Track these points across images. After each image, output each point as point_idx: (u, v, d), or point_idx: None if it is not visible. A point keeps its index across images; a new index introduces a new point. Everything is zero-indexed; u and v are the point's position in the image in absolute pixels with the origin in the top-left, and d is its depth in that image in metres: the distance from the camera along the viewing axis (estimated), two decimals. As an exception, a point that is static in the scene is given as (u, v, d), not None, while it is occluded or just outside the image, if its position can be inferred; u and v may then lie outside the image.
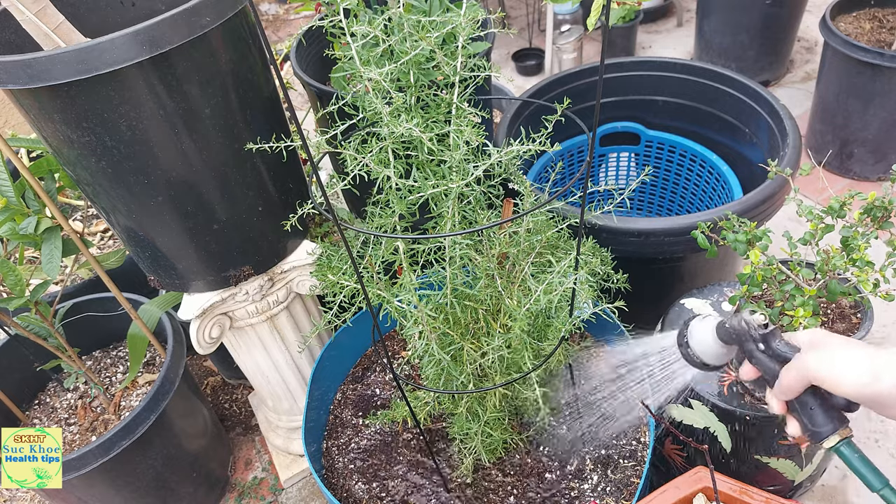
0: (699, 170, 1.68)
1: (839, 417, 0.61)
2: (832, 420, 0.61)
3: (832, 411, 0.61)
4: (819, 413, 0.61)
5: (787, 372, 0.61)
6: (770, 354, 0.65)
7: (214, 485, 1.51)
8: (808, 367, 0.59)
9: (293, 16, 3.93)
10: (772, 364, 0.64)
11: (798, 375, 0.60)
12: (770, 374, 0.64)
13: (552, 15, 2.64)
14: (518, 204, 0.98)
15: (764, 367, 0.65)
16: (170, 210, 0.94)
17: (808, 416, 0.62)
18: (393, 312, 0.88)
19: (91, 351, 1.51)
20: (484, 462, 1.13)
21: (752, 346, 0.66)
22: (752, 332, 0.65)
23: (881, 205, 0.91)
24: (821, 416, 0.61)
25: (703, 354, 0.71)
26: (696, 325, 0.72)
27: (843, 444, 0.61)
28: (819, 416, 0.61)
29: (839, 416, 0.61)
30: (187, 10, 0.78)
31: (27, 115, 0.85)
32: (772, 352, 0.64)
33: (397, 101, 0.76)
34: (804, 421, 0.63)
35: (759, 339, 0.65)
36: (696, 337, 0.71)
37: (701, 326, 0.71)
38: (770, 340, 0.65)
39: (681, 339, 0.73)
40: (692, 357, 0.72)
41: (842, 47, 1.88)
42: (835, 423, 0.61)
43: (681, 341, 0.73)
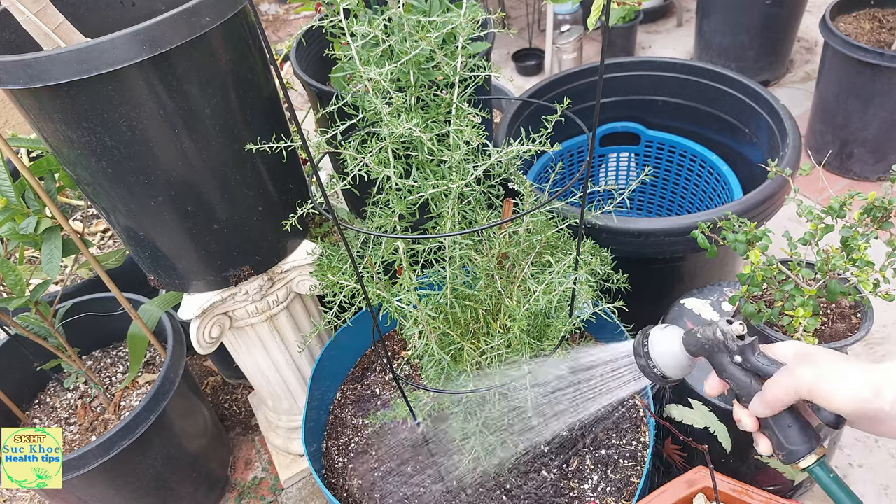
0: (699, 170, 1.68)
1: (814, 436, 0.59)
2: (809, 439, 0.58)
3: (809, 430, 0.59)
4: (795, 431, 0.58)
5: (774, 386, 0.58)
6: (746, 368, 0.61)
7: (214, 485, 1.51)
8: (802, 382, 0.56)
9: (293, 16, 3.93)
10: (746, 379, 0.61)
11: (789, 390, 0.57)
12: (743, 390, 0.61)
13: (552, 15, 2.64)
14: (518, 204, 0.98)
15: (736, 382, 0.62)
16: (170, 210, 0.94)
17: (784, 434, 0.59)
18: (393, 312, 0.88)
19: (91, 351, 1.51)
20: (483, 462, 1.13)
21: (724, 359, 0.62)
22: (728, 344, 0.61)
23: (881, 205, 0.91)
24: (797, 435, 0.58)
25: (665, 367, 0.66)
26: (658, 334, 0.67)
27: (818, 464, 0.58)
28: (795, 435, 0.58)
29: (814, 434, 0.59)
30: (187, 10, 0.78)
31: (27, 115, 0.85)
32: (749, 365, 0.61)
33: (397, 101, 0.76)
34: (779, 439, 0.59)
35: (735, 350, 0.61)
36: (657, 348, 0.66)
37: (664, 336, 0.67)
38: (747, 353, 0.61)
39: (640, 349, 0.68)
40: (651, 369, 0.67)
41: (842, 47, 1.88)
42: (811, 442, 0.58)
43: (639, 352, 0.68)
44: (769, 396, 0.58)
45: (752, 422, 0.61)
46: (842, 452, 1.41)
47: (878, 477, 1.38)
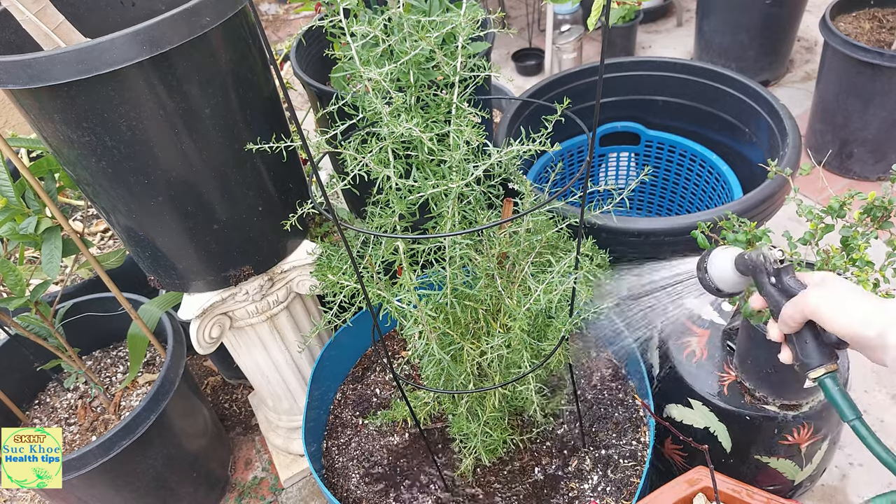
0: (699, 170, 1.68)
1: (829, 354, 0.65)
2: (823, 355, 0.65)
3: (824, 347, 0.65)
4: (812, 347, 0.66)
5: (789, 305, 0.65)
6: (779, 288, 0.69)
7: (214, 485, 1.51)
8: (807, 303, 0.63)
9: (293, 16, 3.93)
10: (779, 297, 0.68)
11: (797, 309, 0.64)
12: (775, 307, 0.69)
13: (552, 15, 2.64)
14: (518, 204, 0.98)
15: (771, 300, 0.69)
16: (170, 210, 0.94)
17: (801, 347, 0.66)
18: (393, 312, 0.88)
19: (91, 351, 1.51)
20: (484, 462, 1.13)
21: (764, 279, 0.70)
22: (767, 266, 0.69)
23: (881, 205, 0.90)
24: (813, 350, 0.66)
25: (720, 281, 0.76)
26: (718, 252, 0.77)
27: (828, 376, 0.65)
28: (811, 350, 0.66)
29: (829, 353, 0.66)
30: (187, 10, 0.78)
31: (27, 115, 0.85)
32: (781, 285, 0.69)
33: (397, 101, 0.76)
34: (797, 351, 0.67)
35: (772, 272, 0.69)
36: (715, 264, 0.76)
37: (722, 255, 0.76)
38: (782, 275, 0.69)
39: (701, 264, 0.78)
40: (708, 282, 0.77)
41: (842, 47, 1.88)
42: (824, 358, 0.65)
43: (700, 266, 0.78)
44: (784, 314, 0.66)
45: (778, 334, 0.69)
46: (842, 452, 1.41)
47: (878, 477, 1.38)
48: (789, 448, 1.07)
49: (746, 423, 1.05)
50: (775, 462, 1.09)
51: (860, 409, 0.65)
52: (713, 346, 1.15)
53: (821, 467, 1.17)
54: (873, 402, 1.48)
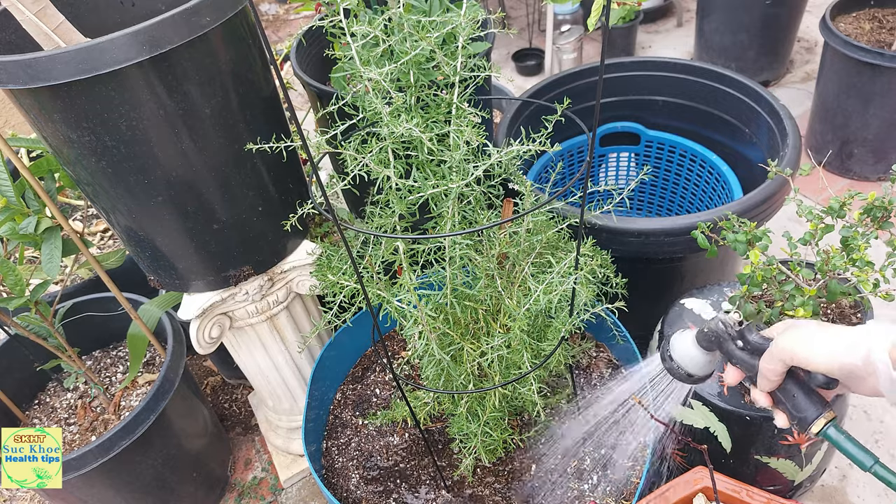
0: (699, 170, 1.68)
1: (821, 401, 0.63)
2: (815, 404, 0.62)
3: (813, 395, 0.63)
4: (802, 399, 0.63)
5: (764, 359, 0.62)
6: (748, 350, 0.66)
7: (214, 485, 1.51)
8: (782, 348, 0.60)
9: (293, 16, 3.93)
10: (751, 359, 0.65)
11: (774, 358, 0.61)
12: (751, 371, 0.66)
13: (552, 15, 2.64)
14: (518, 204, 0.98)
15: (745, 365, 0.66)
16: (170, 210, 0.94)
17: (792, 403, 0.63)
18: (393, 312, 0.88)
19: (91, 351, 1.51)
20: (483, 462, 1.13)
21: (731, 347, 0.67)
22: (728, 331, 0.67)
23: (881, 205, 0.91)
24: (804, 402, 0.62)
25: (688, 366, 0.72)
26: (677, 337, 0.73)
27: (830, 426, 0.62)
28: (802, 402, 0.63)
29: (821, 400, 0.63)
30: (187, 10, 0.78)
31: (27, 115, 0.85)
32: (749, 346, 0.66)
33: (397, 101, 0.76)
34: (789, 410, 0.64)
35: (735, 336, 0.66)
36: (678, 349, 0.72)
37: (681, 337, 0.73)
38: (746, 335, 0.66)
39: (664, 353, 0.74)
40: (677, 370, 0.73)
41: (842, 47, 1.88)
42: (818, 406, 0.62)
43: (664, 356, 0.74)
44: (762, 369, 0.63)
45: (764, 398, 0.65)
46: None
47: (878, 477, 1.38)
48: (789, 448, 1.07)
49: (746, 423, 1.05)
50: (775, 462, 1.09)
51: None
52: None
53: (821, 467, 1.17)
54: (873, 403, 1.48)
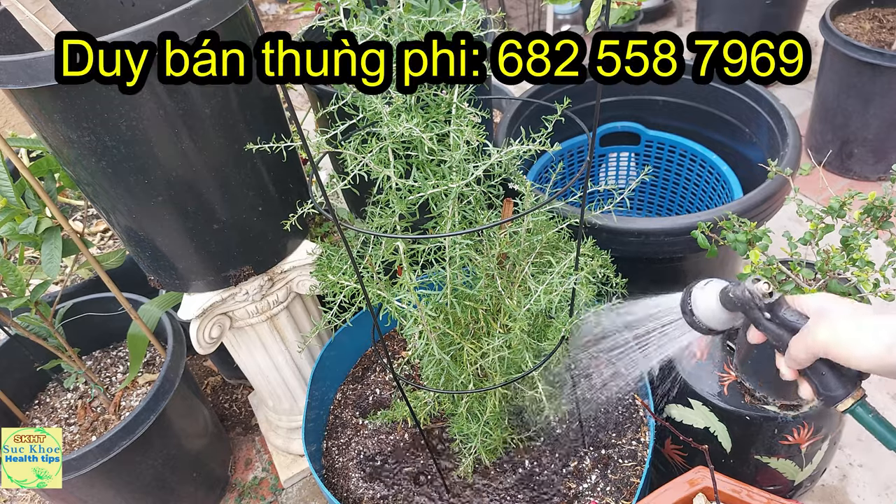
0: (699, 170, 1.68)
1: (850, 380, 0.61)
2: (844, 384, 0.61)
3: (844, 374, 0.61)
4: (831, 378, 0.61)
5: (796, 344, 0.61)
6: (777, 323, 0.64)
7: (214, 485, 1.51)
8: (817, 341, 0.59)
9: (293, 16, 3.93)
10: (780, 331, 0.64)
11: (807, 348, 0.60)
12: (778, 341, 0.65)
13: (552, 15, 2.64)
14: (518, 204, 0.98)
15: (772, 335, 0.65)
16: (170, 210, 0.94)
17: (819, 380, 0.62)
18: (393, 312, 0.88)
19: (91, 351, 1.51)
20: (484, 462, 1.13)
21: (757, 314, 0.65)
22: (756, 302, 0.65)
23: (881, 205, 0.91)
24: (833, 381, 0.61)
25: (709, 321, 0.71)
26: (699, 292, 0.71)
27: (858, 405, 0.61)
28: (831, 381, 0.61)
29: (850, 379, 0.61)
30: (187, 10, 0.78)
31: (27, 115, 0.85)
32: (778, 320, 0.64)
33: (397, 100, 0.76)
34: (816, 385, 0.63)
35: (763, 308, 0.65)
36: (700, 305, 0.71)
37: (704, 294, 0.71)
38: (776, 309, 0.64)
39: (685, 306, 0.73)
40: (698, 324, 0.72)
41: (842, 47, 1.88)
42: (847, 386, 0.61)
43: (685, 308, 0.73)
44: (793, 355, 0.61)
45: (790, 372, 0.65)
46: (842, 452, 1.41)
47: (878, 477, 1.38)
48: (789, 448, 1.07)
49: (746, 423, 1.05)
50: (775, 462, 1.09)
51: None
52: (713, 347, 1.15)
53: (821, 467, 1.17)
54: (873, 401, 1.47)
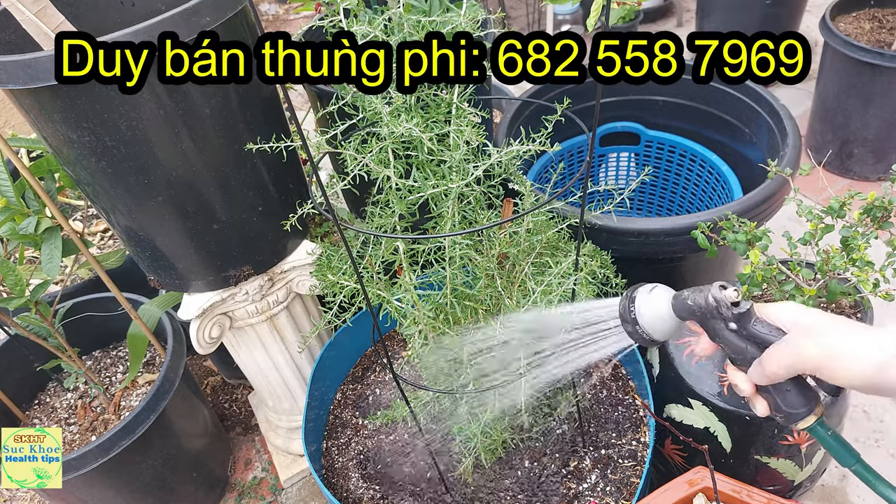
0: (699, 170, 1.68)
1: (814, 397, 0.58)
2: (808, 401, 0.58)
3: (807, 392, 0.58)
4: (794, 395, 0.58)
5: (774, 361, 0.57)
6: (744, 335, 0.59)
7: (214, 485, 1.51)
8: (806, 359, 0.54)
9: (293, 16, 3.93)
10: (743, 345, 0.59)
11: (791, 366, 0.56)
12: (739, 355, 0.59)
13: (552, 15, 2.64)
14: (518, 204, 0.98)
15: (732, 348, 0.60)
16: (170, 210, 0.94)
17: (782, 397, 0.58)
18: (393, 312, 0.88)
19: (91, 351, 1.51)
20: (484, 462, 1.13)
21: (718, 325, 0.59)
22: (721, 311, 0.58)
23: (881, 205, 0.91)
24: (796, 398, 0.58)
25: (654, 331, 0.63)
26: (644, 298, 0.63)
27: (818, 423, 0.58)
28: (794, 398, 0.58)
29: (814, 396, 0.58)
30: (187, 10, 0.78)
31: (27, 115, 0.85)
32: (746, 333, 0.59)
33: (397, 100, 0.76)
34: (777, 402, 0.59)
35: (730, 318, 0.59)
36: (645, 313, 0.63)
37: (651, 300, 0.63)
38: (744, 321, 0.59)
39: (626, 314, 0.64)
40: (640, 334, 0.63)
41: (842, 47, 1.88)
42: (810, 403, 0.58)
43: (626, 317, 0.64)
44: (770, 370, 0.57)
45: (749, 387, 0.61)
46: (842, 452, 1.41)
47: (878, 477, 1.38)
48: (789, 448, 1.07)
49: (746, 423, 1.05)
50: (775, 462, 1.09)
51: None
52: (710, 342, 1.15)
53: (821, 467, 1.17)
54: (873, 402, 1.48)
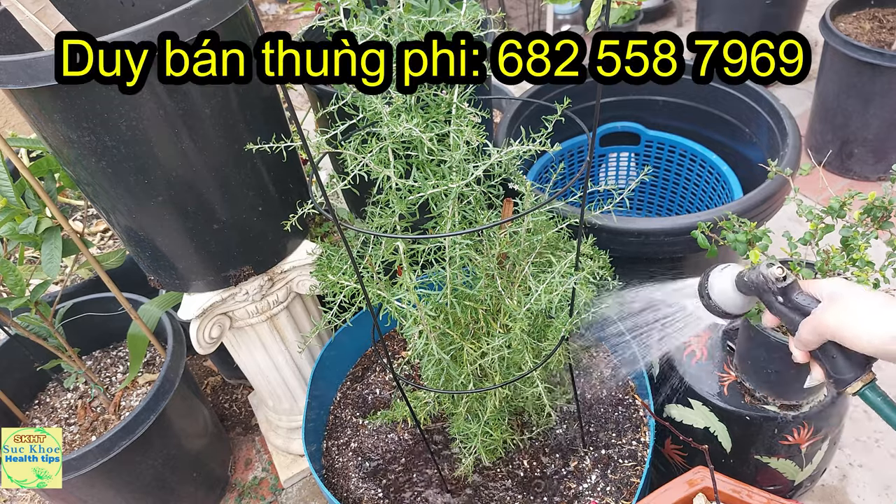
0: (699, 170, 1.68)
1: (861, 363, 0.63)
2: (854, 367, 0.62)
3: (853, 357, 0.62)
4: (841, 360, 0.63)
5: (805, 326, 0.63)
6: (790, 306, 0.66)
7: (214, 485, 1.51)
8: (824, 325, 0.60)
9: (293, 16, 3.93)
10: (792, 315, 0.66)
11: (814, 331, 0.61)
12: (791, 325, 0.66)
13: (552, 15, 2.64)
14: (518, 204, 0.98)
15: (784, 318, 0.67)
16: (170, 210, 0.94)
17: (830, 363, 0.64)
18: (393, 312, 0.88)
19: (91, 351, 1.51)
20: (484, 462, 1.13)
21: (771, 298, 0.67)
22: (769, 286, 0.67)
23: (881, 205, 0.91)
24: (843, 364, 0.63)
25: (725, 305, 0.73)
26: (716, 276, 0.74)
27: (868, 388, 0.62)
28: (841, 364, 0.63)
29: (861, 362, 0.63)
30: (187, 10, 0.78)
31: (27, 115, 0.85)
32: (791, 304, 0.66)
33: (397, 100, 0.76)
34: (827, 368, 0.64)
35: (777, 291, 0.67)
36: (716, 288, 0.73)
37: (721, 278, 0.73)
38: (789, 293, 0.66)
39: (702, 290, 0.75)
40: (714, 308, 0.74)
41: (842, 47, 1.88)
42: (857, 370, 0.62)
43: (702, 292, 0.75)
44: (803, 337, 0.63)
45: (801, 354, 0.66)
46: (842, 452, 1.41)
47: (877, 477, 1.38)
48: (789, 448, 1.07)
49: (746, 423, 1.05)
50: (775, 462, 1.09)
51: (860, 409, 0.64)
52: (713, 347, 1.15)
53: (821, 467, 1.17)
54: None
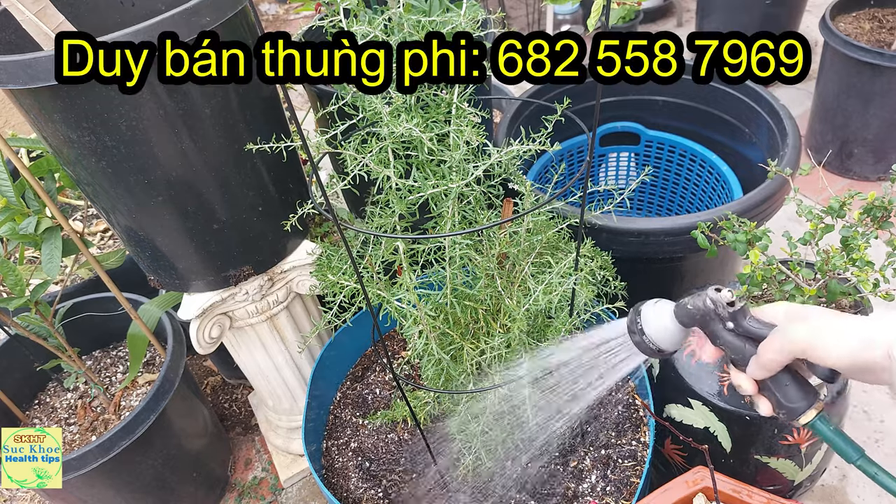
0: (699, 170, 1.68)
1: (812, 391, 0.60)
2: (807, 395, 0.59)
3: (806, 386, 0.60)
4: (794, 389, 0.60)
5: (768, 348, 0.59)
6: (739, 333, 0.62)
7: (214, 485, 1.51)
8: (793, 341, 0.57)
9: (293, 16, 3.93)
10: (741, 343, 0.62)
11: (782, 349, 0.58)
12: (738, 354, 0.62)
13: (552, 15, 2.64)
14: (518, 204, 0.98)
15: (732, 348, 0.62)
16: (170, 210, 0.94)
17: (782, 393, 0.60)
18: (393, 312, 0.88)
19: (91, 351, 1.51)
20: (484, 462, 1.13)
21: (717, 327, 0.62)
22: (718, 312, 0.62)
23: (881, 205, 0.91)
24: (795, 393, 0.60)
25: (660, 340, 0.66)
26: (650, 310, 0.67)
27: (819, 418, 0.59)
28: (794, 393, 0.60)
29: (812, 390, 0.60)
30: (187, 10, 0.78)
31: (27, 115, 0.85)
32: (742, 330, 0.62)
33: (397, 100, 0.76)
34: (778, 398, 0.61)
35: (726, 317, 0.62)
36: (651, 323, 0.66)
37: (656, 311, 0.66)
38: (739, 319, 0.62)
39: (633, 326, 0.67)
40: (646, 345, 0.67)
41: (842, 47, 1.88)
42: (809, 398, 0.59)
43: (633, 328, 0.67)
44: (765, 359, 0.59)
45: (751, 385, 0.62)
46: (842, 452, 1.41)
47: (878, 477, 1.38)
48: (789, 448, 1.07)
49: (746, 423, 1.05)
50: (775, 462, 1.09)
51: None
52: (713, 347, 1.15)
53: (821, 467, 1.17)
54: (873, 401, 1.48)
